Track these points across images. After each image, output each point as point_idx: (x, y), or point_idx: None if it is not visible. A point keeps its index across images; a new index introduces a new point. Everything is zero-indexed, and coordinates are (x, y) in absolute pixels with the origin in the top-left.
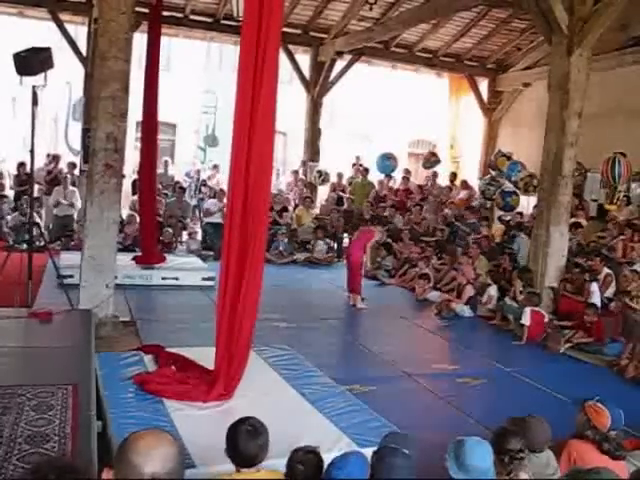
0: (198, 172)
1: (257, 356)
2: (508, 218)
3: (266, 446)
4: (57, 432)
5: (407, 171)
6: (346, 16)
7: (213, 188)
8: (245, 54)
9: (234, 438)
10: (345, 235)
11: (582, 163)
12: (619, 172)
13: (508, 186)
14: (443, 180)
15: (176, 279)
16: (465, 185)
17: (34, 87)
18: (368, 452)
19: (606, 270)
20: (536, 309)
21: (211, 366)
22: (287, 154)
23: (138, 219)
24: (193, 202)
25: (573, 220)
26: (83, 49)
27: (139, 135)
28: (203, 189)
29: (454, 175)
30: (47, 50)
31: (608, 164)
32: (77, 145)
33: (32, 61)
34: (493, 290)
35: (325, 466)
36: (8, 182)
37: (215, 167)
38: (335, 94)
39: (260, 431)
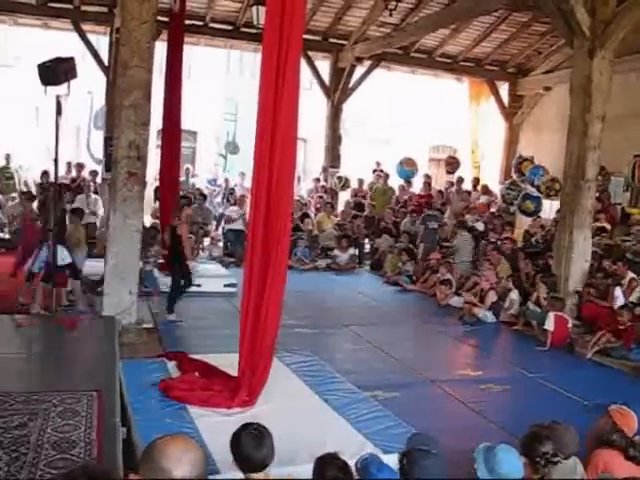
0: (226, 181)
1: (280, 362)
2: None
3: (273, 448)
4: (83, 438)
5: (427, 176)
6: (365, 22)
7: (235, 195)
8: (267, 61)
9: (242, 446)
10: (366, 241)
11: (605, 167)
12: None
13: (532, 190)
14: (465, 185)
15: (198, 286)
16: (486, 190)
17: (58, 97)
18: (392, 458)
19: (630, 274)
20: (560, 314)
21: (234, 372)
22: (307, 160)
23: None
24: (220, 210)
25: (598, 224)
26: (105, 58)
27: (159, 143)
28: (231, 198)
29: (477, 180)
30: (71, 60)
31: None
32: (99, 153)
33: (56, 71)
34: (515, 295)
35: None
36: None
37: (242, 174)
38: (356, 100)
39: (265, 434)
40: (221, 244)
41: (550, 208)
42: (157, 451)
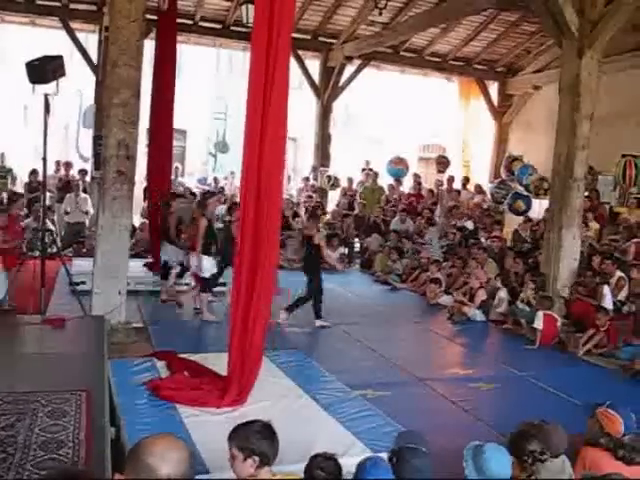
0: (216, 180)
1: (270, 361)
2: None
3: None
4: (71, 438)
5: (417, 176)
6: (355, 21)
7: (225, 195)
8: (256, 60)
9: (267, 434)
10: (356, 240)
11: (593, 166)
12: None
13: (521, 190)
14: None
15: (188, 284)
16: (480, 189)
17: (46, 95)
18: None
19: (619, 273)
20: (549, 313)
21: (224, 372)
22: (297, 160)
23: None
24: None
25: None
26: (94, 57)
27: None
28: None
29: (467, 179)
30: (59, 58)
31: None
32: (87, 152)
33: (44, 69)
34: (503, 293)
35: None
36: (20, 189)
37: (232, 174)
38: (346, 99)
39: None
40: None
41: (539, 207)
42: (142, 450)
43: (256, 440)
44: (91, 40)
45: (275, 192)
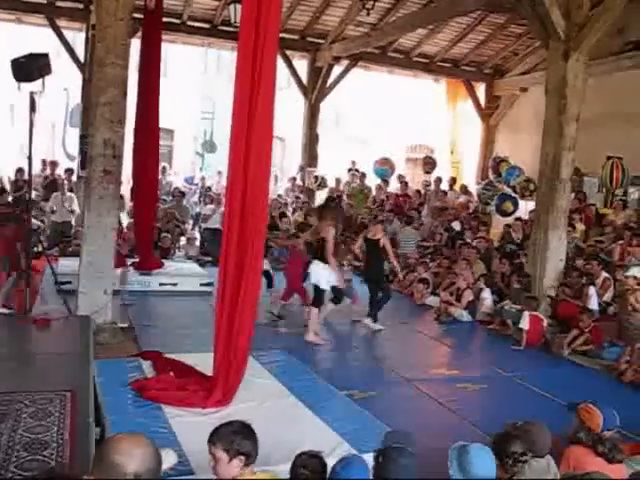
0: (203, 179)
1: (256, 361)
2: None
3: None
4: (55, 439)
5: (402, 176)
6: (343, 21)
7: (211, 195)
8: (243, 60)
9: (248, 433)
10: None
11: (579, 168)
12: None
13: (509, 191)
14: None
15: (174, 285)
16: (465, 190)
17: (32, 93)
18: (368, 457)
19: (604, 274)
20: (534, 313)
21: (210, 372)
22: (285, 160)
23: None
24: (197, 209)
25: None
26: (81, 55)
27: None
28: (207, 197)
29: (453, 180)
30: (45, 56)
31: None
32: (74, 151)
33: (30, 67)
34: (486, 293)
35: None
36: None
37: (219, 173)
38: (333, 99)
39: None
40: (198, 243)
41: (525, 208)
42: (109, 448)
43: (240, 440)
44: (78, 38)
45: (261, 192)
